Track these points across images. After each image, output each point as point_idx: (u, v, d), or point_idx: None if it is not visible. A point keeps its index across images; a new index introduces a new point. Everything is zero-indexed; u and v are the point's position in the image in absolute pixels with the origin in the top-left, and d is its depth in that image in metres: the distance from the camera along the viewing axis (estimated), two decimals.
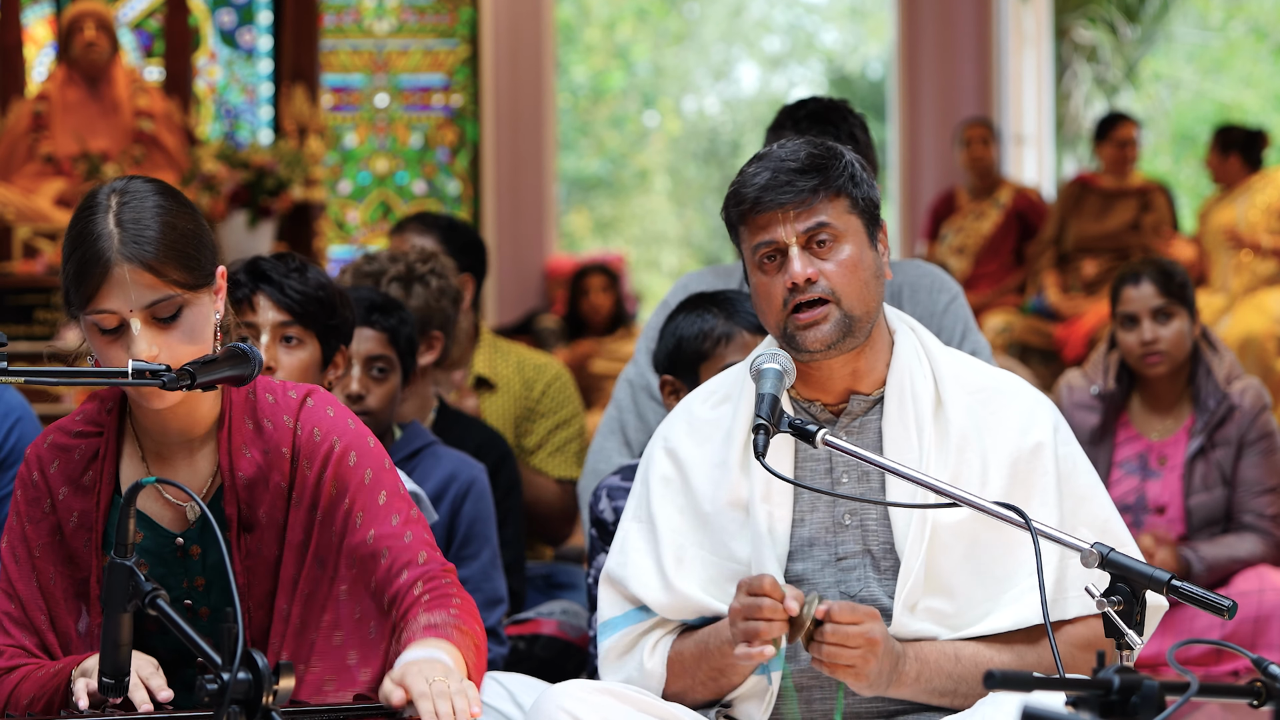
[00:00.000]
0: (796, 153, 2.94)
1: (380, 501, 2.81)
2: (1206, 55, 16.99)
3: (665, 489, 3.04)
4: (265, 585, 2.79)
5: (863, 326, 2.93)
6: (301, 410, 2.84)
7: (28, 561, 2.82)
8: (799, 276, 2.88)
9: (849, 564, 2.94)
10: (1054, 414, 3.00)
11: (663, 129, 19.27)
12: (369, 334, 3.90)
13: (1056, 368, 8.29)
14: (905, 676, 2.82)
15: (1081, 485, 2.97)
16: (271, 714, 2.22)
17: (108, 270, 2.66)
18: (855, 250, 2.92)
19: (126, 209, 2.70)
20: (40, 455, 2.85)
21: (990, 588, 2.88)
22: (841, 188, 2.93)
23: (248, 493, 2.80)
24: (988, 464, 2.93)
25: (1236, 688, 2.38)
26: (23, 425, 3.87)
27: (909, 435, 2.94)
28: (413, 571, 2.77)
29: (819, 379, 2.98)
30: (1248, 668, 4.47)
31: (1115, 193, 9.24)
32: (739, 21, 19.01)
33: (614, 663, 3.03)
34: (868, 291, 2.92)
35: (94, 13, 8.42)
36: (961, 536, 2.89)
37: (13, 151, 8.37)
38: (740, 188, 2.96)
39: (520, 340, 7.30)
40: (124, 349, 2.68)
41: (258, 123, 10.41)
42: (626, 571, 3.02)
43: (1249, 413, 5.02)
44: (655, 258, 19.03)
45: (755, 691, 2.94)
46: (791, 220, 2.90)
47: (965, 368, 3.03)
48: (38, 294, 8.07)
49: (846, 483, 2.97)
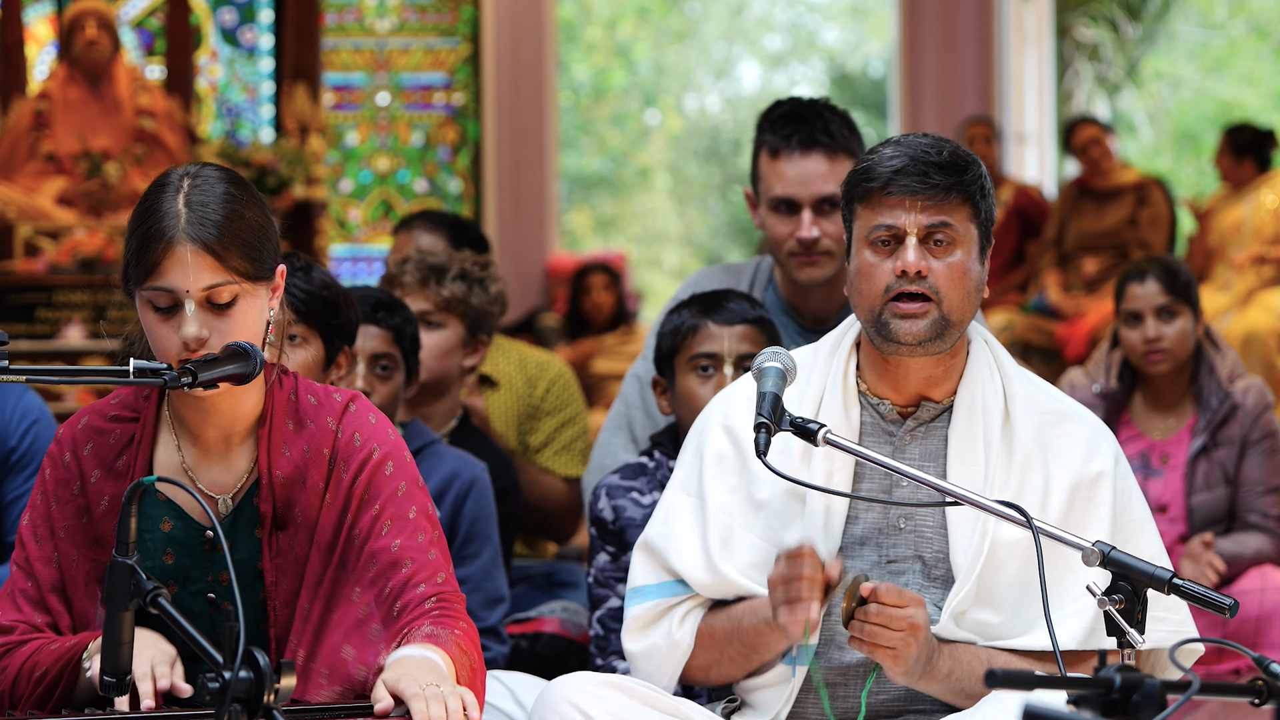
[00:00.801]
0: (939, 147, 2.92)
1: (410, 516, 2.81)
2: (1208, 54, 16.98)
3: (719, 466, 3.03)
4: (293, 583, 2.80)
5: (954, 333, 2.92)
6: (345, 414, 2.85)
7: (49, 541, 2.82)
8: (912, 266, 2.87)
9: (898, 568, 2.94)
10: (1115, 446, 3.01)
11: (664, 127, 19.26)
12: (374, 332, 3.90)
13: (1058, 366, 8.29)
14: (938, 671, 2.82)
15: (1135, 520, 2.97)
16: (273, 712, 2.22)
17: (170, 247, 2.68)
18: (966, 258, 2.91)
19: (197, 191, 2.72)
20: (75, 436, 2.85)
21: (1037, 606, 2.86)
22: (971, 195, 2.92)
23: (284, 491, 2.80)
24: (1050, 485, 2.93)
25: (1238, 686, 2.38)
26: (39, 427, 3.87)
27: (975, 447, 2.94)
28: (429, 588, 2.78)
29: (894, 376, 2.97)
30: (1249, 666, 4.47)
31: (1111, 190, 9.25)
32: (740, 20, 19.01)
33: (639, 630, 3.03)
34: (968, 301, 2.91)
35: (95, 11, 8.42)
36: (1017, 555, 2.89)
37: (14, 150, 8.38)
38: (875, 165, 2.93)
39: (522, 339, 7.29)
40: (175, 329, 2.70)
41: (259, 121, 10.40)
42: (669, 544, 3.01)
43: (1252, 412, 5.01)
44: (657, 256, 19.03)
45: (777, 681, 2.93)
46: (918, 211, 2.89)
47: (1036, 388, 3.02)
48: (39, 292, 8.07)
49: (905, 485, 2.96)
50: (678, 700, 2.92)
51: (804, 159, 3.93)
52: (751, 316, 3.64)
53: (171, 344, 2.69)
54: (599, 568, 3.66)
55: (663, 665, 3.01)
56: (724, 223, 19.13)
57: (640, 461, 3.73)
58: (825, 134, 3.94)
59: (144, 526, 2.80)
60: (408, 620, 2.75)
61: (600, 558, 3.66)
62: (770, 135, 3.98)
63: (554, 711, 2.79)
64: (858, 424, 2.98)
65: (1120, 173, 9.35)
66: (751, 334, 3.63)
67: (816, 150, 3.92)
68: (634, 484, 3.68)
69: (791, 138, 3.94)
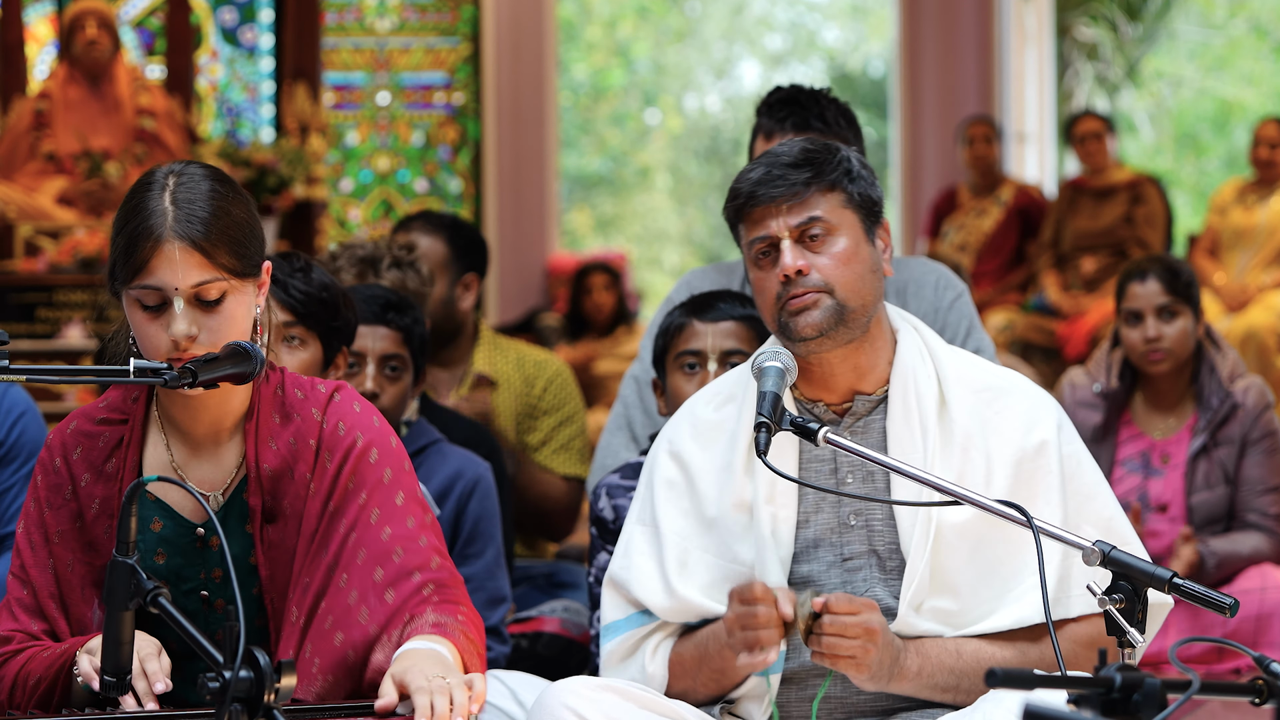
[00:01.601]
0: (791, 149, 2.95)
1: (397, 502, 2.81)
2: (1208, 53, 16.98)
3: (669, 492, 3.04)
4: (287, 576, 2.80)
5: (857, 319, 2.92)
6: (329, 405, 2.85)
7: (44, 547, 2.82)
8: (789, 269, 2.89)
9: (854, 564, 2.94)
10: (1058, 412, 3.00)
11: (664, 127, 19.26)
12: (384, 333, 3.89)
13: (1058, 365, 8.29)
14: (906, 671, 2.82)
15: (1085, 484, 2.96)
16: (273, 712, 2.22)
17: (158, 245, 2.69)
18: (850, 244, 2.92)
19: (183, 189, 2.73)
20: (64, 441, 2.86)
21: (995, 587, 2.88)
22: (835, 182, 2.93)
23: (272, 484, 2.81)
24: (992, 463, 2.92)
25: (1238, 686, 2.38)
26: (26, 420, 3.88)
27: (913, 435, 2.94)
28: (425, 575, 2.78)
29: (821, 376, 2.98)
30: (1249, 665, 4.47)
31: (1106, 189, 9.25)
32: (740, 19, 19.01)
33: (616, 666, 3.04)
34: (863, 284, 2.92)
35: (96, 11, 8.43)
36: (966, 536, 2.89)
37: (14, 149, 8.38)
38: (736, 184, 2.98)
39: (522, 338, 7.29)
40: (163, 328, 2.70)
41: (259, 121, 10.40)
42: (630, 575, 3.03)
43: (1252, 411, 5.02)
44: (657, 256, 19.03)
45: (755, 693, 2.94)
46: (784, 214, 2.91)
47: (969, 366, 3.02)
48: (39, 292, 8.08)
49: (851, 483, 2.97)
50: (673, 703, 2.92)
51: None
52: (738, 314, 3.65)
53: (161, 342, 2.69)
54: (599, 568, 3.67)
55: None
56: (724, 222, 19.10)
57: (640, 461, 3.73)
58: (820, 119, 3.94)
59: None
60: (409, 610, 2.74)
61: (601, 557, 3.66)
62: (766, 119, 3.98)
63: (551, 715, 2.79)
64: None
65: (1114, 171, 9.35)
66: (738, 331, 3.64)
67: (810, 134, 3.91)
68: (634, 483, 3.68)
69: (786, 120, 3.94)
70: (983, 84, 11.42)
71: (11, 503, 3.84)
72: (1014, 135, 11.55)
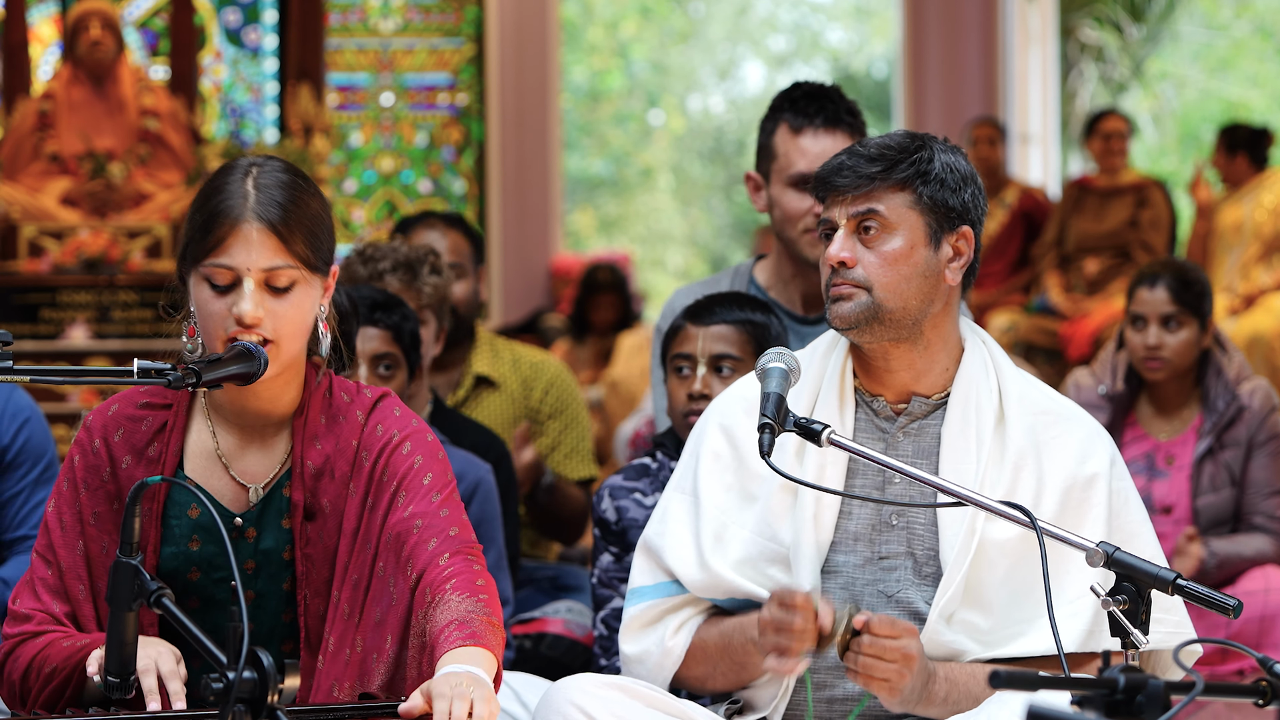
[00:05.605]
0: (878, 142, 2.97)
1: (424, 482, 2.83)
2: (1212, 54, 16.98)
3: (715, 464, 3.04)
4: (323, 573, 2.82)
5: (897, 320, 2.91)
6: (373, 409, 2.89)
7: (75, 528, 2.83)
8: (833, 258, 2.92)
9: (890, 564, 2.94)
10: (1112, 447, 3.00)
11: (667, 128, 19.27)
12: (373, 333, 3.90)
13: (1061, 367, 8.29)
14: (934, 696, 2.82)
15: (1131, 521, 2.97)
16: (276, 713, 2.22)
17: (236, 224, 2.72)
18: (904, 245, 2.92)
19: (265, 175, 2.77)
20: (105, 423, 2.86)
21: (1028, 609, 2.87)
22: (906, 181, 2.93)
23: (314, 481, 2.83)
24: (1043, 485, 2.92)
25: (1242, 687, 2.38)
26: (30, 426, 3.88)
27: (968, 445, 2.94)
28: (441, 543, 2.77)
29: (876, 370, 2.99)
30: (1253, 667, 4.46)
31: (1111, 191, 9.25)
32: (744, 20, 19.01)
33: (635, 633, 3.04)
34: (908, 287, 2.91)
35: (99, 11, 8.42)
36: (1007, 554, 2.88)
37: (18, 150, 8.38)
38: (821, 168, 3.00)
39: (525, 339, 7.29)
40: (229, 306, 2.72)
41: (263, 121, 10.41)
42: (664, 542, 3.03)
43: (1258, 413, 5.01)
44: (660, 256, 19.04)
45: (769, 682, 2.94)
46: (848, 203, 2.93)
47: (1031, 388, 3.02)
48: (43, 293, 8.08)
49: (899, 483, 2.96)
50: (680, 701, 2.92)
51: (829, 135, 3.97)
52: (734, 319, 3.65)
53: (225, 321, 2.72)
54: (602, 568, 3.67)
55: (655, 671, 3.01)
56: (728, 223, 19.13)
57: (643, 463, 3.74)
58: (849, 114, 4.00)
59: (172, 513, 2.82)
60: (429, 588, 2.72)
61: (604, 558, 3.67)
62: (791, 114, 4.00)
63: (557, 713, 2.79)
64: (852, 421, 2.99)
65: (1122, 173, 9.35)
66: (731, 335, 3.64)
67: (840, 129, 3.97)
68: (637, 485, 3.69)
69: (816, 116, 3.98)
70: (987, 85, 11.41)
71: (19, 509, 3.84)
72: (1018, 137, 11.55)
